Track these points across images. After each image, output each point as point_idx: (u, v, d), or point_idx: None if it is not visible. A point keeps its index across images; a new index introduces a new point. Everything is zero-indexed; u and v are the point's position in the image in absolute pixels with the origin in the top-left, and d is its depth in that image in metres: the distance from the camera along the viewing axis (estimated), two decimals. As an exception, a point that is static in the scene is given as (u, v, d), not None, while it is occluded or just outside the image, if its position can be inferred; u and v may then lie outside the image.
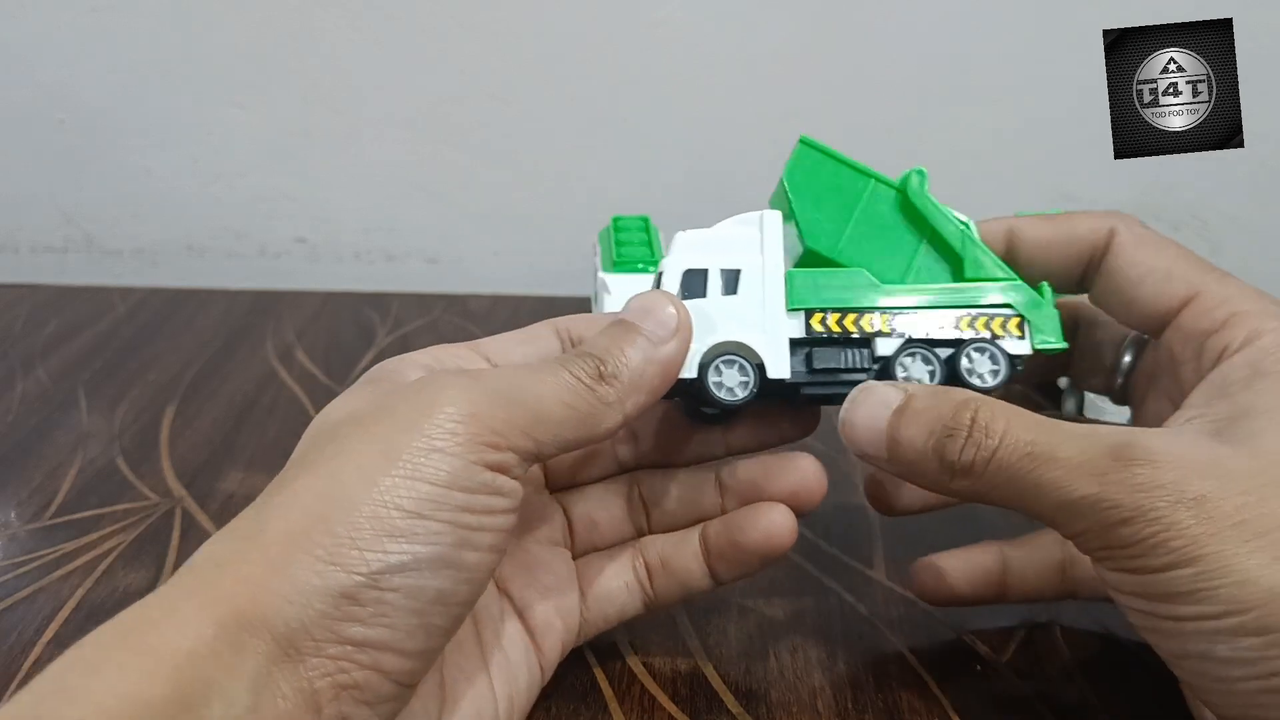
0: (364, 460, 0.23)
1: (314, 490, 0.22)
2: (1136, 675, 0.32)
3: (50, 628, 0.33)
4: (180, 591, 0.21)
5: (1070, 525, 0.24)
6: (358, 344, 0.56)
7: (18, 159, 0.66)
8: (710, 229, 0.30)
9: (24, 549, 0.38)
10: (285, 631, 0.21)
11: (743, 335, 0.29)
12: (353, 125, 0.64)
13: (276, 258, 0.68)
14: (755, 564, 0.30)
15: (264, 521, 0.22)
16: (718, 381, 0.29)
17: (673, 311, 0.27)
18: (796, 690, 0.31)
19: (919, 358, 0.30)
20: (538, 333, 0.30)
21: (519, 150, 0.64)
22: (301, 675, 0.21)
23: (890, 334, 0.30)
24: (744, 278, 0.29)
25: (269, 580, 0.21)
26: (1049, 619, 0.35)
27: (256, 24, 0.62)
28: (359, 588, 0.21)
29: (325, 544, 0.21)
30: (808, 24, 0.61)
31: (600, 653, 0.33)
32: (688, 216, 0.65)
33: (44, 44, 0.63)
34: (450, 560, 0.22)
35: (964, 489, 0.26)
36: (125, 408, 0.48)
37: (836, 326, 0.30)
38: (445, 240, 0.68)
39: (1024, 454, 0.24)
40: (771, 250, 0.30)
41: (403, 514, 0.22)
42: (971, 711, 0.30)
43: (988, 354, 0.30)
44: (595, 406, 0.25)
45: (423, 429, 0.23)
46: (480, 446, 0.23)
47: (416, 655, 0.22)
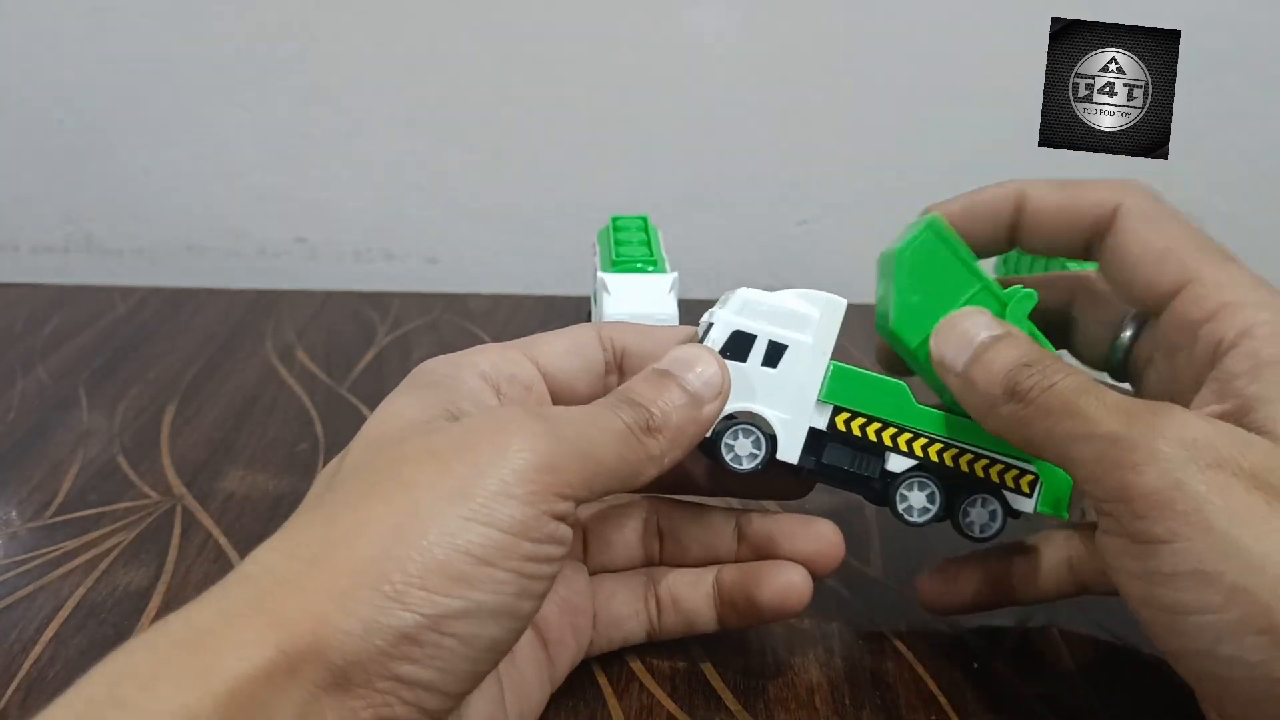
0: (438, 498, 0.22)
1: (385, 522, 0.22)
2: (1134, 673, 0.32)
3: (51, 626, 0.33)
4: (239, 606, 0.21)
5: (1082, 466, 0.24)
6: (358, 343, 0.56)
7: (18, 159, 0.66)
8: (773, 294, 0.29)
9: (24, 547, 0.38)
10: (341, 664, 0.20)
11: (766, 411, 0.29)
12: (353, 125, 0.64)
13: (276, 257, 0.68)
14: (766, 619, 0.30)
15: (331, 545, 0.22)
16: (729, 445, 0.29)
17: (718, 372, 0.27)
18: (794, 688, 0.31)
19: (923, 486, 0.30)
20: (583, 340, 0.30)
21: (519, 150, 0.65)
22: (347, 705, 0.21)
23: (906, 453, 0.30)
24: (788, 355, 0.29)
25: (333, 613, 0.21)
26: (1047, 618, 0.35)
27: (256, 24, 0.62)
28: (420, 629, 0.21)
29: (394, 581, 0.21)
30: (808, 24, 0.61)
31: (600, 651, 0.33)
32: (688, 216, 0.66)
33: (44, 44, 0.63)
34: (510, 610, 0.22)
35: (1011, 413, 0.26)
36: (126, 407, 0.48)
37: (858, 431, 0.30)
38: (445, 240, 0.68)
39: (1075, 389, 0.25)
40: (824, 336, 0.29)
41: (471, 560, 0.22)
42: (968, 709, 0.30)
43: (990, 507, 0.30)
44: (643, 459, 0.26)
45: (499, 474, 0.23)
46: (550, 497, 0.23)
47: (457, 697, 0.22)
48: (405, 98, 0.63)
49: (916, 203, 0.33)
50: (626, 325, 0.30)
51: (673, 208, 0.63)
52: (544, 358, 0.29)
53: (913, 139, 0.63)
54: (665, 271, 0.41)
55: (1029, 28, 0.59)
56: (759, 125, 0.63)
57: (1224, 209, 0.63)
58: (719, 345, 0.29)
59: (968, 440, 0.30)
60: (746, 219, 0.66)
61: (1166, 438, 0.23)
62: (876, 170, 0.64)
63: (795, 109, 0.63)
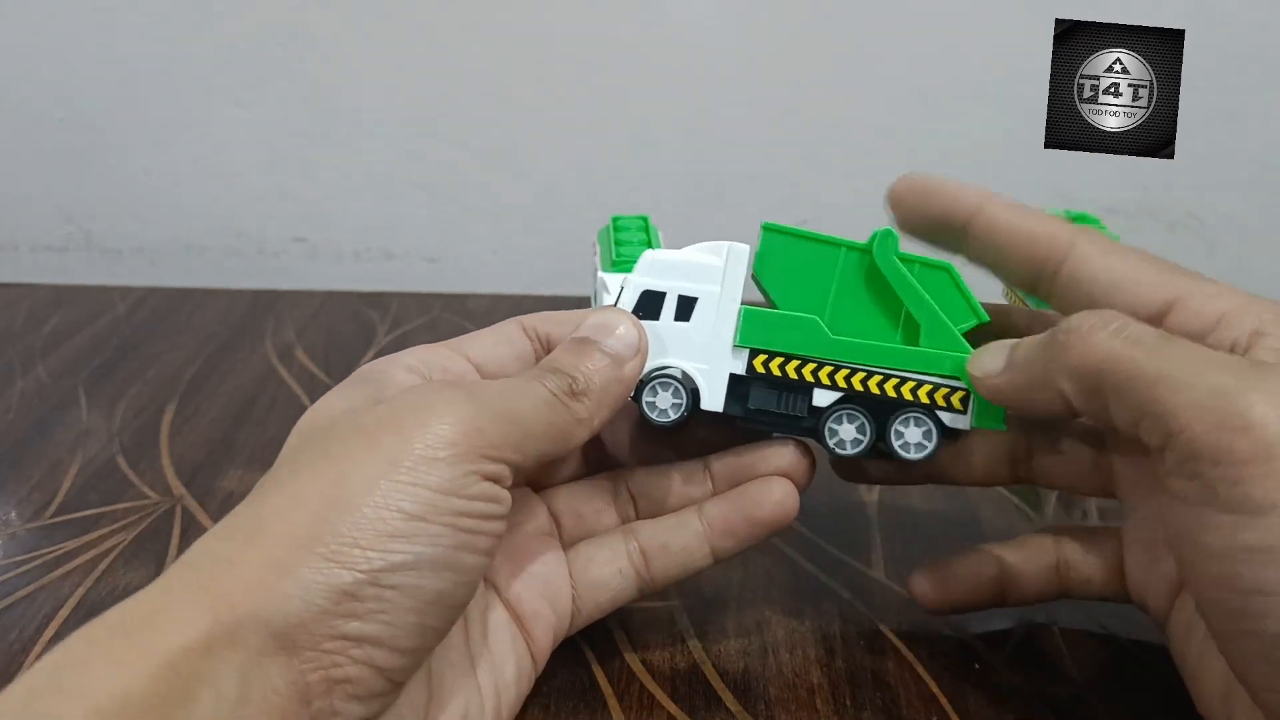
0: (366, 465, 0.23)
1: (316, 492, 0.23)
2: (1135, 674, 0.32)
3: (50, 626, 0.33)
4: (177, 588, 0.22)
5: (1175, 418, 0.22)
6: (357, 343, 0.56)
7: (18, 159, 0.66)
8: (677, 251, 0.30)
9: (24, 547, 0.38)
10: (283, 626, 0.21)
11: (685, 363, 0.30)
12: (353, 125, 0.64)
13: (276, 257, 0.68)
14: (763, 535, 0.31)
15: (264, 521, 0.23)
16: (650, 401, 0.30)
17: (633, 330, 0.29)
18: (795, 688, 0.31)
19: (851, 418, 0.30)
20: (509, 333, 0.31)
21: (519, 150, 0.64)
22: (294, 668, 0.21)
23: (830, 386, 0.30)
24: (699, 306, 0.30)
25: (270, 580, 0.21)
26: (1047, 618, 0.35)
27: (256, 24, 0.62)
28: (360, 585, 0.22)
29: (328, 543, 0.22)
30: (807, 23, 0.61)
31: (599, 651, 0.33)
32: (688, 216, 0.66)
33: (44, 44, 0.63)
34: (449, 562, 0.23)
35: (1074, 353, 0.25)
36: (125, 406, 0.48)
37: (778, 370, 0.30)
38: (445, 240, 0.68)
39: (1153, 333, 0.24)
40: (731, 284, 0.30)
41: (404, 516, 0.23)
42: (970, 710, 0.30)
43: (923, 427, 0.30)
44: (570, 422, 0.27)
45: (424, 439, 0.23)
46: (478, 459, 0.24)
47: (409, 653, 0.23)
48: (405, 98, 0.63)
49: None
50: (547, 314, 0.31)
51: (673, 208, 0.63)
52: (473, 351, 0.30)
53: (913, 139, 0.63)
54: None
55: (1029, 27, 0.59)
56: (759, 125, 0.63)
57: (1224, 209, 0.63)
58: (631, 307, 0.30)
59: (891, 364, 0.30)
60: (746, 219, 0.66)
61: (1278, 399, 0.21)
62: (876, 170, 0.63)
63: (795, 108, 0.63)
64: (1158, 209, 0.63)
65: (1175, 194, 0.63)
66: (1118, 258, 0.28)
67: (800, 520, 0.40)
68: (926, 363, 0.30)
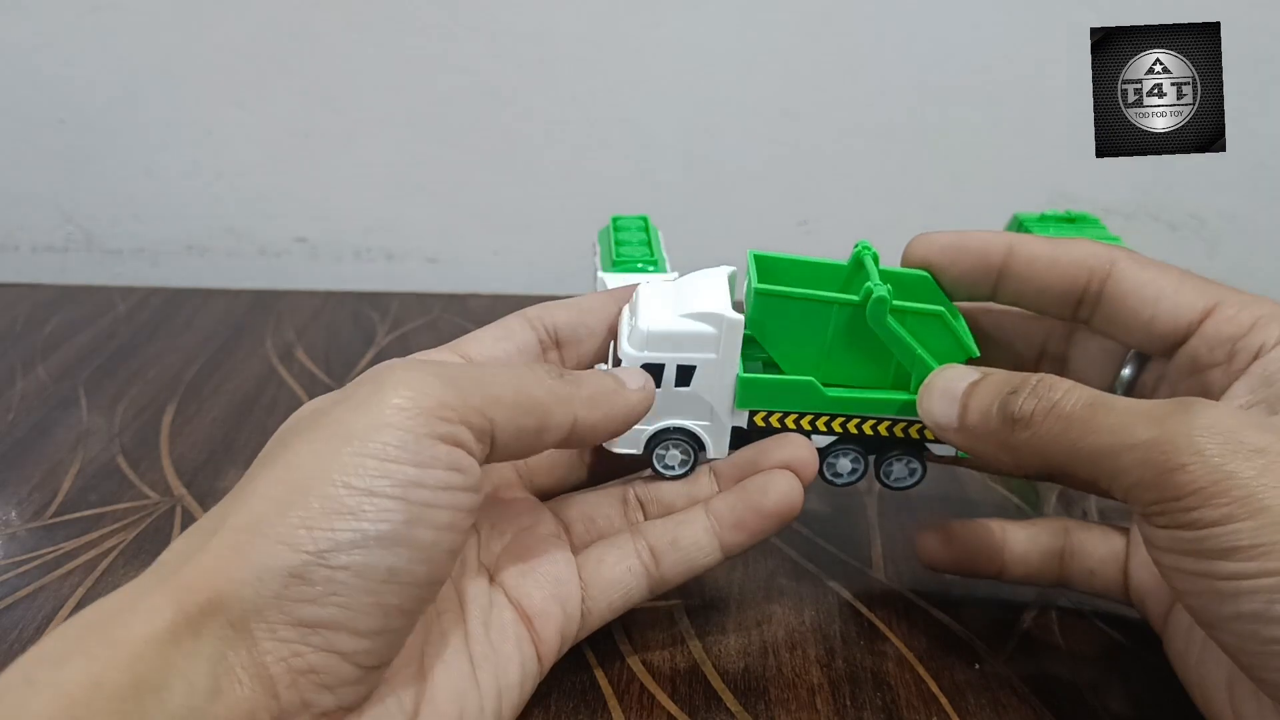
0: (318, 445, 0.23)
1: (272, 479, 0.23)
2: (1135, 675, 0.32)
3: (50, 626, 0.33)
4: (144, 585, 0.22)
5: (1125, 476, 0.24)
6: (358, 343, 0.56)
7: (18, 159, 0.66)
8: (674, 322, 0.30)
9: (24, 548, 0.38)
10: (239, 613, 0.21)
11: (689, 423, 0.31)
12: (353, 125, 0.64)
13: (276, 257, 0.68)
14: (772, 529, 0.31)
15: (225, 514, 0.23)
16: (660, 455, 0.32)
17: (645, 376, 0.30)
18: (795, 688, 0.31)
19: (845, 453, 0.32)
20: (512, 326, 0.31)
21: (519, 150, 0.64)
22: (255, 659, 0.21)
23: (826, 433, 0.32)
24: (698, 374, 0.31)
25: (227, 567, 0.21)
26: (1048, 618, 0.35)
27: (256, 24, 0.62)
28: (307, 566, 0.21)
29: (278, 527, 0.22)
30: (806, 24, 0.61)
31: (600, 652, 0.33)
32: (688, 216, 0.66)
33: (44, 44, 0.63)
34: (401, 538, 0.23)
35: (1023, 441, 0.26)
36: (125, 406, 0.48)
37: (777, 424, 0.32)
38: (445, 240, 0.68)
39: (1085, 404, 0.25)
40: (727, 350, 0.30)
41: (351, 491, 0.22)
42: (970, 710, 0.30)
43: (909, 465, 0.32)
44: (546, 395, 0.26)
45: (375, 409, 0.23)
46: (431, 419, 0.23)
47: (373, 636, 0.23)
48: (405, 98, 0.63)
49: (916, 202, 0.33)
50: (553, 304, 0.31)
51: (673, 208, 0.63)
52: (473, 350, 0.30)
53: (913, 139, 0.63)
54: (665, 271, 0.41)
55: (1030, 27, 0.59)
56: (759, 125, 0.63)
57: (1224, 209, 0.63)
58: None
59: (880, 412, 0.31)
60: (746, 219, 0.66)
61: (1205, 432, 0.23)
62: (876, 170, 0.64)
63: (795, 109, 0.63)
64: (1158, 209, 0.63)
65: (1175, 194, 0.63)
66: (1157, 271, 0.29)
67: (800, 520, 0.40)
68: (914, 410, 0.30)
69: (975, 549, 0.33)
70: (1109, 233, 0.46)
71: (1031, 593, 0.36)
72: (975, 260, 0.31)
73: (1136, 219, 0.64)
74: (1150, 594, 0.31)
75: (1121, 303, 0.29)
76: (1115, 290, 0.29)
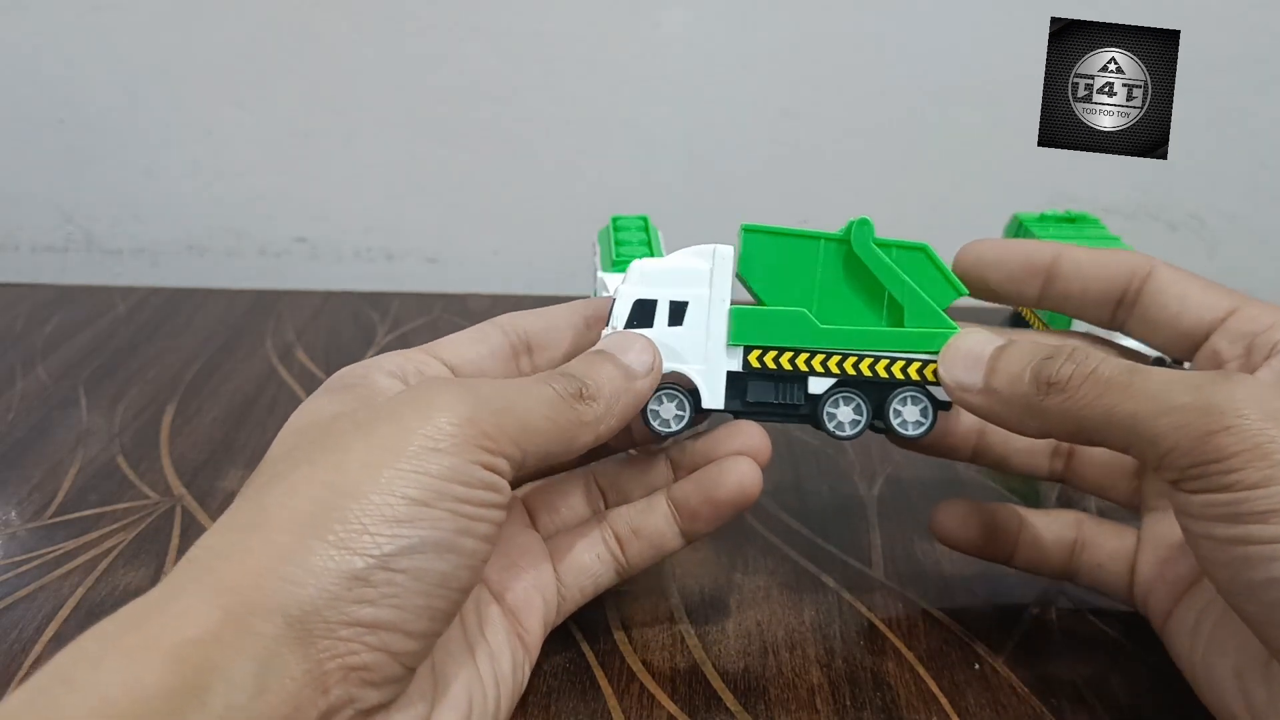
0: (368, 456, 0.24)
1: (318, 481, 0.23)
2: (1136, 675, 0.32)
3: (50, 626, 0.33)
4: (183, 583, 0.22)
5: (1162, 440, 0.25)
6: (358, 343, 0.56)
7: (18, 159, 0.66)
8: (665, 259, 0.31)
9: (24, 548, 0.38)
10: (298, 614, 0.21)
11: (682, 366, 0.31)
12: (353, 125, 0.64)
13: (276, 257, 0.68)
14: (729, 515, 0.31)
15: (265, 512, 0.23)
16: (654, 411, 0.31)
17: (649, 349, 0.30)
18: (795, 688, 0.31)
19: (848, 401, 0.31)
20: (484, 331, 0.32)
21: (518, 150, 0.65)
22: (311, 657, 0.21)
23: (824, 374, 0.31)
24: (690, 310, 0.31)
25: (279, 566, 0.22)
26: (1048, 618, 0.35)
27: (256, 24, 0.62)
28: (370, 570, 0.22)
29: (337, 530, 0.22)
30: (806, 24, 0.61)
31: (600, 651, 0.33)
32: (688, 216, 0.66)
33: (44, 44, 0.63)
34: (453, 545, 0.24)
35: (1055, 405, 0.27)
36: (125, 406, 0.48)
37: (773, 364, 0.31)
38: (445, 240, 0.68)
39: (1124, 369, 0.26)
40: (719, 285, 0.31)
41: (407, 502, 0.23)
42: (969, 710, 0.30)
43: (920, 404, 0.31)
44: (574, 423, 0.27)
45: (423, 431, 0.24)
46: (476, 449, 0.24)
47: (420, 637, 0.24)
48: (405, 98, 0.63)
49: (916, 202, 0.33)
50: (522, 312, 0.32)
51: (673, 208, 0.63)
52: (447, 352, 0.31)
53: (913, 139, 0.63)
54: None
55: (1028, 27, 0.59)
56: (758, 125, 0.63)
57: (1224, 209, 0.63)
58: (625, 317, 0.31)
59: (880, 347, 0.31)
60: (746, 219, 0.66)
61: (1247, 399, 0.24)
62: (877, 170, 0.64)
63: (795, 108, 0.63)
64: (1158, 209, 0.63)
65: (1175, 195, 0.63)
66: (1187, 276, 0.31)
67: (800, 520, 0.40)
68: (913, 342, 0.31)
69: (992, 529, 0.34)
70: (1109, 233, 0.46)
71: (1032, 593, 0.36)
72: (1023, 262, 0.31)
73: (1136, 219, 0.64)
74: (1155, 591, 0.31)
75: (1155, 300, 0.30)
76: (1154, 293, 0.30)
